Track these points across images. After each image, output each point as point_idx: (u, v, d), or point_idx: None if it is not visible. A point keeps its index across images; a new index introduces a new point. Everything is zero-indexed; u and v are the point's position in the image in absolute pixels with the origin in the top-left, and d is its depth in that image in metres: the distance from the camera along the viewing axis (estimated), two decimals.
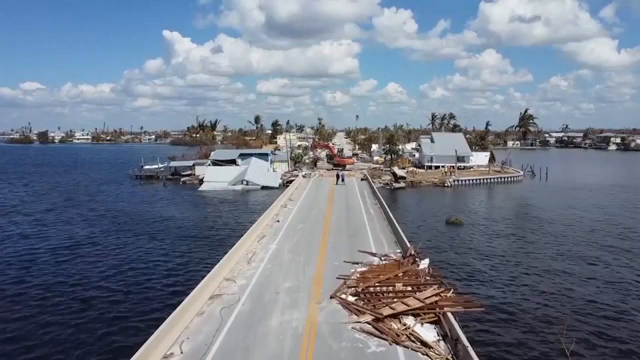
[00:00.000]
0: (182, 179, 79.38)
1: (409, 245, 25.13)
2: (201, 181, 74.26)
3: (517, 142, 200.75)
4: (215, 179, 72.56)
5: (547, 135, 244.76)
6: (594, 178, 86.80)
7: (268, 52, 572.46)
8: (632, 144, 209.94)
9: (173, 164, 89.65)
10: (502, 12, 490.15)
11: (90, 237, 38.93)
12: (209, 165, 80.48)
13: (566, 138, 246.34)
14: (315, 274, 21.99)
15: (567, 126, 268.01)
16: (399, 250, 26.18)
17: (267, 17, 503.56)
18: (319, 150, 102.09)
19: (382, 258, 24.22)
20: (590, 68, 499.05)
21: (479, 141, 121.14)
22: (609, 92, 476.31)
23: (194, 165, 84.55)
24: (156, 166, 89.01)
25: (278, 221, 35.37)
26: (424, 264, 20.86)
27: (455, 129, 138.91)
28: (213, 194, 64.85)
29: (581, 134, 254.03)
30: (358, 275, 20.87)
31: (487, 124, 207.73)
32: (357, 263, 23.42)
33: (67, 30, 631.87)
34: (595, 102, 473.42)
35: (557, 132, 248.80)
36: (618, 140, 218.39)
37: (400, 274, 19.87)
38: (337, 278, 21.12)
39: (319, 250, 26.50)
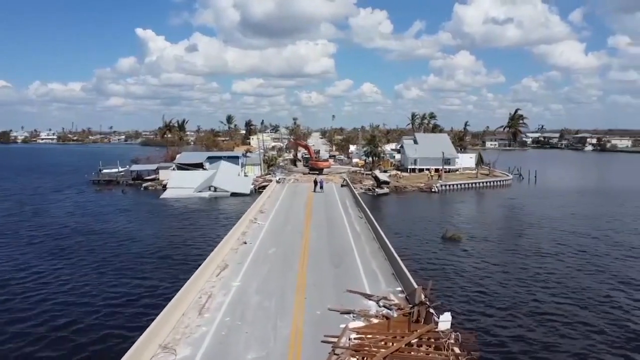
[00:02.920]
0: (144, 185, 71.94)
1: (413, 282, 19.13)
2: (165, 187, 67.09)
3: (495, 142, 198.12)
4: (180, 184, 65.44)
5: (523, 135, 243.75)
6: (583, 181, 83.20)
7: (243, 51, 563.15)
8: (608, 145, 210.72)
9: (135, 167, 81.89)
10: (476, 14, 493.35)
11: (20, 262, 31.49)
12: (174, 169, 73.26)
13: (542, 138, 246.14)
14: (292, 334, 15.77)
15: (542, 126, 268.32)
16: (400, 289, 20.16)
17: (243, 16, 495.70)
18: (300, 150, 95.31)
19: (381, 303, 18.14)
20: (560, 70, 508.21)
21: (457, 142, 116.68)
22: (577, 93, 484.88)
23: (157, 169, 77.15)
24: (116, 170, 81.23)
25: (245, 243, 29.00)
26: (445, 320, 14.83)
27: (435, 129, 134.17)
28: (176, 202, 57.85)
29: (557, 135, 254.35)
30: (352, 338, 14.74)
31: (466, 124, 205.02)
32: (349, 312, 17.30)
33: (36, 27, 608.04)
34: (564, 103, 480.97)
35: (533, 132, 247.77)
36: (594, 141, 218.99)
37: (415, 339, 13.79)
38: (322, 342, 14.99)
39: (296, 289, 20.30)
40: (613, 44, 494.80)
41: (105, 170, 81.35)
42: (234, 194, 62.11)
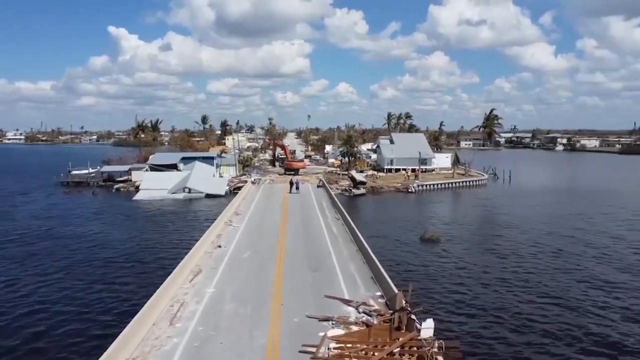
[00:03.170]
0: (116, 186, 69.98)
1: (393, 287, 18.61)
2: (137, 188, 65.38)
3: (470, 142, 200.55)
4: (153, 186, 63.81)
5: (496, 135, 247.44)
6: (555, 181, 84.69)
7: (219, 51, 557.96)
8: (578, 145, 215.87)
9: (106, 168, 79.56)
10: (450, 15, 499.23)
11: None
12: (147, 170, 71.49)
13: (515, 138, 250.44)
14: (268, 344, 15.05)
15: (515, 127, 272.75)
16: (379, 293, 19.64)
17: (218, 15, 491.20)
18: (279, 150, 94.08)
19: (361, 309, 17.56)
20: (531, 71, 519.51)
21: (433, 141, 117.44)
22: (548, 94, 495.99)
23: (130, 170, 75.14)
24: (86, 171, 78.86)
25: (220, 246, 28.12)
26: (428, 327, 14.34)
27: (411, 129, 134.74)
28: (149, 204, 56.35)
29: (529, 135, 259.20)
30: (332, 347, 14.12)
31: (441, 124, 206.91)
32: (327, 320, 16.67)
33: (1, 23, 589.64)
34: (535, 104, 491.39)
35: (506, 132, 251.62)
36: (564, 141, 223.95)
37: (397, 349, 13.25)
38: (300, 352, 14.34)
39: (272, 295, 19.57)
40: (581, 47, 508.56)
41: (75, 172, 78.97)
42: (208, 195, 60.95)
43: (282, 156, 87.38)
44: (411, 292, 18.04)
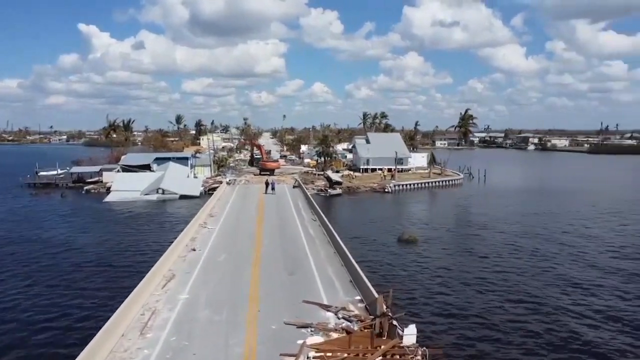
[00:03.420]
0: (86, 188, 67.89)
1: (373, 291, 18.17)
2: (108, 190, 63.57)
3: (445, 142, 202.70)
4: (125, 187, 62.15)
5: (471, 135, 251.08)
6: (529, 180, 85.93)
7: (193, 50, 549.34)
8: (549, 144, 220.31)
9: (76, 169, 77.15)
10: (424, 16, 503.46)
11: None
12: (118, 171, 69.65)
13: (488, 138, 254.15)
14: (245, 353, 14.41)
15: (488, 126, 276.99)
16: (359, 298, 19.18)
17: (192, 13, 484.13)
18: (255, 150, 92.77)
19: (340, 315, 17.05)
20: (503, 72, 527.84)
21: (408, 141, 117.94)
22: (519, 95, 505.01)
23: (101, 170, 73.08)
24: (55, 172, 76.40)
25: (194, 249, 27.28)
26: (410, 333, 13.91)
27: (387, 128, 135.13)
28: (121, 206, 54.80)
29: (502, 134, 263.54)
30: (311, 357, 13.56)
31: (416, 123, 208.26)
32: (306, 327, 16.10)
33: None
34: (507, 104, 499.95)
35: (479, 132, 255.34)
36: (536, 141, 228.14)
37: (379, 358, 12.77)
38: None
39: (249, 300, 18.92)
40: (550, 49, 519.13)
41: (42, 173, 76.35)
42: (183, 197, 59.65)
43: (258, 156, 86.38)
44: (392, 296, 17.62)
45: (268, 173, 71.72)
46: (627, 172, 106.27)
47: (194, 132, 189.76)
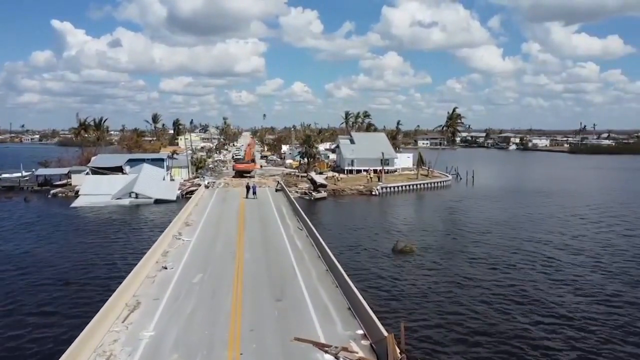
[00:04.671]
0: (53, 191, 63.33)
1: (378, 323, 15.02)
2: (77, 194, 59.21)
3: (427, 141, 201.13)
4: (95, 191, 57.89)
5: (457, 134, 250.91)
6: (516, 180, 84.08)
7: (171, 48, 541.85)
8: (530, 144, 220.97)
9: (42, 171, 72.16)
10: (403, 17, 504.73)
11: None
12: (88, 173, 65.23)
13: (470, 138, 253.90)
14: None
15: (469, 126, 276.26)
16: (361, 332, 15.99)
17: (170, 11, 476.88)
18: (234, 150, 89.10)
19: (341, 358, 13.86)
20: (481, 73, 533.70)
21: (390, 141, 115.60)
22: (496, 95, 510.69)
23: (69, 173, 68.46)
24: (19, 174, 71.46)
25: (165, 267, 23.78)
26: None
27: (370, 128, 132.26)
28: (90, 212, 50.67)
29: (483, 134, 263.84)
30: None
31: (398, 123, 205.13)
32: None
33: None
34: (485, 104, 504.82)
35: (462, 131, 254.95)
36: (517, 141, 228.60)
37: None
38: None
39: (228, 339, 15.59)
40: (526, 50, 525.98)
41: (4, 175, 71.25)
42: (158, 201, 55.65)
43: (237, 157, 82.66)
44: (404, 333, 14.48)
45: (248, 176, 68.27)
46: (615, 172, 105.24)
47: (172, 131, 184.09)
